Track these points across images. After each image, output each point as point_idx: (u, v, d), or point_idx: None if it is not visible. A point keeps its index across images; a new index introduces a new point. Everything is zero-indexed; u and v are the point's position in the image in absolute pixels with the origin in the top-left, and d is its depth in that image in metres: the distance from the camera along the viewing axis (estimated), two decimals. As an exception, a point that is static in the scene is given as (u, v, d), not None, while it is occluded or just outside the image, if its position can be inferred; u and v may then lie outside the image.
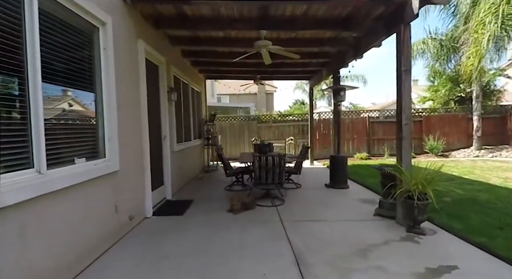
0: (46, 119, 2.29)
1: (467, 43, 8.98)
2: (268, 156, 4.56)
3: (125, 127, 3.64)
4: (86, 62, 3.01)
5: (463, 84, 11.98)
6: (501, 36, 8.29)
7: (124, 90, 3.68)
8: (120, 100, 3.50)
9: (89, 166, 2.87)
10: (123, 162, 3.52)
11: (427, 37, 11.03)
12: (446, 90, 12.69)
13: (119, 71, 3.51)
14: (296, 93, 59.20)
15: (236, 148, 11.27)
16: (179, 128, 6.27)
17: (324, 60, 7.08)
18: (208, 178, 7.49)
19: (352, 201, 5.12)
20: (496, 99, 12.37)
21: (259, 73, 8.45)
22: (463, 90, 12.40)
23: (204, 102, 9.42)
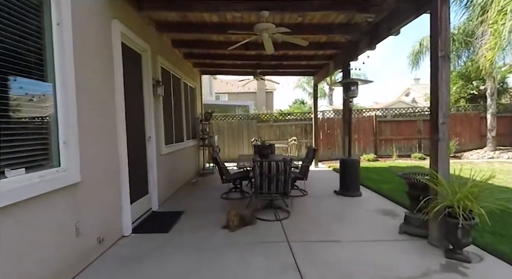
0: None
1: (485, 36, 8.23)
2: (271, 161, 3.80)
3: (91, 127, 2.88)
4: (31, 40, 2.25)
5: (476, 81, 11.24)
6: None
7: (91, 80, 2.92)
8: (83, 92, 2.74)
9: (32, 178, 2.11)
10: (88, 171, 2.77)
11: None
12: (457, 88, 11.95)
13: (83, 56, 2.75)
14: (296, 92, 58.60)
15: (235, 149, 10.51)
16: (168, 127, 5.52)
17: (332, 51, 6.33)
18: (203, 183, 6.73)
19: (369, 213, 4.37)
20: (510, 97, 11.64)
21: (260, 67, 7.69)
22: (475, 87, 11.67)
23: (200, 99, 8.65)
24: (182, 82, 6.61)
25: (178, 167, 6.11)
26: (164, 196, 5.08)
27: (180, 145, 6.24)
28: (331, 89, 27.84)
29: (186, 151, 6.79)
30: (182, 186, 6.31)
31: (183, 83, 6.71)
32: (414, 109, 11.68)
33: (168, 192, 5.34)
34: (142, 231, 3.69)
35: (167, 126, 5.40)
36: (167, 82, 5.59)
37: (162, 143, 4.97)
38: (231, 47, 4.57)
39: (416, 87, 31.63)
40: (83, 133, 2.71)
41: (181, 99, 6.55)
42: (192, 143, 7.40)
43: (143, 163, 4.37)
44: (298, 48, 5.87)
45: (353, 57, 5.68)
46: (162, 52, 5.17)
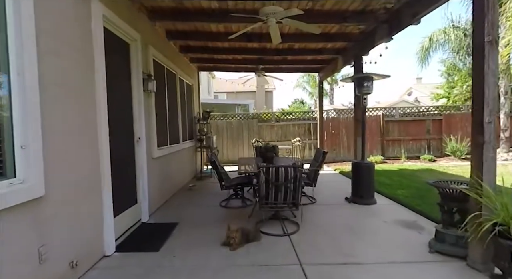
0: None
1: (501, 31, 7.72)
2: (279, 167, 3.26)
3: (63, 127, 2.35)
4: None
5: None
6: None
7: (63, 70, 2.38)
8: (52, 86, 2.21)
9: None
10: (58, 181, 2.24)
11: (448, 26, 9.76)
12: (468, 86, 11.43)
13: (49, 40, 2.21)
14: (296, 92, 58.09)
15: (234, 150, 9.97)
16: (162, 128, 4.97)
17: (342, 44, 5.80)
18: (200, 188, 6.18)
19: (389, 226, 3.84)
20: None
21: (262, 62, 7.15)
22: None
23: (197, 97, 8.11)
24: (178, 78, 6.07)
25: (173, 171, 5.57)
26: (156, 204, 4.54)
27: (175, 147, 5.69)
28: (332, 88, 27.35)
29: (182, 153, 6.25)
30: (177, 192, 5.77)
31: (179, 79, 6.17)
32: (422, 109, 11.16)
33: (161, 200, 4.80)
34: (128, 249, 3.14)
35: (160, 126, 4.85)
36: (161, 77, 5.04)
37: (154, 144, 4.43)
38: (232, 36, 4.02)
39: (418, 87, 31.21)
40: (51, 135, 2.17)
41: (177, 96, 6.01)
42: (188, 144, 6.85)
43: (131, 168, 3.82)
44: (305, 40, 5.36)
45: (366, 50, 5.15)
46: (155, 44, 4.63)
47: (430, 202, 4.86)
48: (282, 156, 7.43)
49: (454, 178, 6.38)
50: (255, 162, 5.27)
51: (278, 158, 5.50)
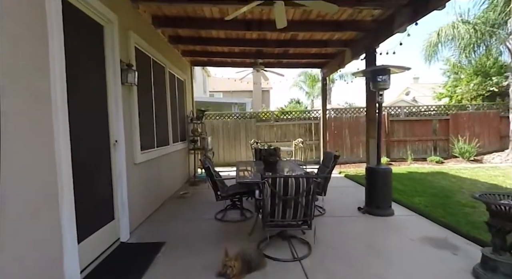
0: None
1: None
2: (289, 178, 2.61)
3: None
4: None
5: (496, 77, 10.24)
6: None
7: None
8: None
9: None
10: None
11: (457, 20, 9.23)
12: (474, 85, 10.92)
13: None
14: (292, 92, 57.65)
15: (231, 152, 9.30)
16: (147, 128, 4.30)
17: (351, 34, 5.19)
18: (193, 195, 5.50)
19: (416, 244, 3.22)
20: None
21: (261, 56, 6.51)
22: (495, 84, 10.66)
23: (191, 94, 7.43)
24: (167, 72, 5.38)
25: (161, 177, 4.89)
26: (139, 218, 3.86)
27: (164, 150, 5.01)
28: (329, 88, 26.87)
29: (172, 157, 5.57)
30: (167, 201, 5.09)
31: (169, 73, 5.48)
32: (429, 108, 10.62)
33: (145, 212, 4.12)
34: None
35: (146, 126, 4.18)
36: (146, 70, 4.37)
37: (136, 148, 3.75)
38: (229, 16, 3.35)
39: (415, 86, 30.86)
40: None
41: (166, 92, 5.32)
42: (180, 146, 6.17)
43: (105, 177, 3.14)
44: (311, 28, 4.75)
45: (380, 40, 4.54)
46: (138, 30, 3.95)
47: (454, 213, 4.29)
48: (284, 158, 6.79)
49: (494, 188, 5.83)
50: (255, 167, 4.63)
51: (281, 161, 4.85)
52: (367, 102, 4.97)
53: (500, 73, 10.68)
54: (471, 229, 3.65)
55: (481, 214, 4.21)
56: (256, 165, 4.86)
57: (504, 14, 8.49)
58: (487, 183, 6.18)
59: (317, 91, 27.26)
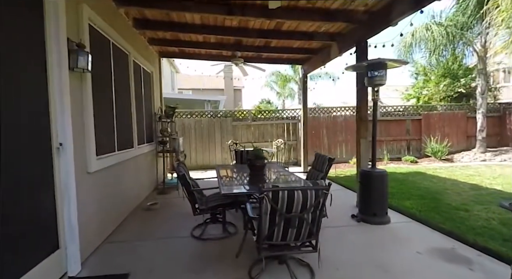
0: None
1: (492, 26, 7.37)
2: (295, 191, 2.05)
3: None
4: None
5: (464, 78, 10.63)
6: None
7: None
8: None
9: None
10: None
11: (431, 22, 9.37)
12: (444, 86, 11.28)
13: None
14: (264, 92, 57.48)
15: (204, 155, 8.55)
16: (106, 127, 3.50)
17: (341, 26, 4.77)
18: (163, 206, 4.72)
19: (425, 258, 2.84)
20: (494, 97, 11.29)
21: (240, 48, 5.90)
22: (462, 85, 11.09)
23: (159, 89, 6.59)
24: (132, 61, 4.56)
25: (123, 187, 4.09)
26: (94, 242, 3.07)
27: (127, 153, 4.20)
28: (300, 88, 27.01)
29: (137, 161, 4.76)
30: (131, 214, 4.28)
31: (133, 62, 4.66)
32: (401, 108, 10.75)
33: (103, 232, 3.32)
34: None
35: (104, 124, 3.38)
36: (105, 55, 3.56)
37: (90, 152, 2.95)
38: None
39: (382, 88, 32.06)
40: None
41: (130, 85, 4.51)
42: (147, 149, 5.35)
43: (44, 192, 2.34)
44: (299, 17, 4.25)
45: (375, 31, 4.18)
46: (95, 6, 3.14)
47: (450, 217, 4.05)
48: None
49: (477, 188, 5.75)
50: (239, 172, 4.02)
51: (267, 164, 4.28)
52: (358, 101, 4.61)
53: (465, 75, 11.18)
54: (474, 236, 3.40)
55: (477, 218, 4.02)
56: (239, 170, 4.25)
57: (473, 18, 8.74)
58: (467, 183, 6.17)
59: (288, 92, 27.25)
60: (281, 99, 28.18)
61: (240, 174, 3.98)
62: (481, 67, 9.65)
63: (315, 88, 21.99)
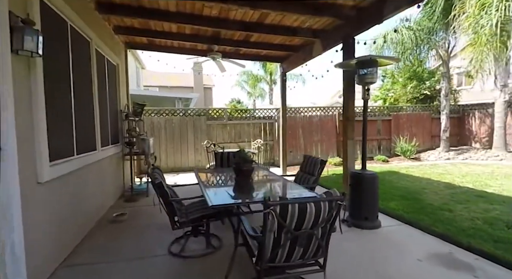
0: None
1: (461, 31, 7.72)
2: (307, 204, 1.71)
3: None
4: None
5: (429, 81, 11.17)
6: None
7: None
8: None
9: None
10: None
11: (401, 25, 9.67)
12: (411, 88, 11.77)
13: None
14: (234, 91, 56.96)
15: (176, 156, 7.93)
16: (63, 125, 2.89)
17: (327, 21, 4.55)
18: (132, 216, 4.14)
19: (427, 266, 2.70)
20: (454, 99, 12.02)
21: (217, 42, 5.46)
22: (428, 87, 11.66)
23: (125, 84, 5.91)
24: (94, 50, 3.92)
25: (84, 197, 3.47)
26: (48, 267, 2.49)
27: (90, 157, 3.59)
28: (271, 89, 27.04)
29: (101, 166, 4.13)
30: (94, 230, 3.67)
31: (96, 52, 4.02)
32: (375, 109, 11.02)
33: (59, 254, 2.73)
34: None
35: (59, 123, 2.78)
36: (61, 39, 2.95)
37: (42, 158, 2.36)
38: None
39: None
40: None
41: (92, 77, 3.87)
42: (112, 151, 4.71)
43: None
44: (286, 8, 3.94)
45: (364, 27, 4.00)
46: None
47: (438, 219, 4.00)
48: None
49: (451, 187, 5.84)
50: (222, 177, 3.62)
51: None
52: (344, 100, 4.43)
53: (430, 78, 11.79)
54: (466, 237, 3.35)
55: (462, 218, 4.03)
56: (222, 174, 3.84)
57: (439, 23, 9.15)
58: (441, 182, 6.34)
59: (259, 92, 27.13)
60: (252, 99, 27.99)
61: (224, 179, 3.58)
62: (445, 70, 10.18)
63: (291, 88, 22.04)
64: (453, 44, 9.76)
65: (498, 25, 6.34)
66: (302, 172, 3.77)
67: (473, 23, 6.97)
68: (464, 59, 10.19)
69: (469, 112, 11.28)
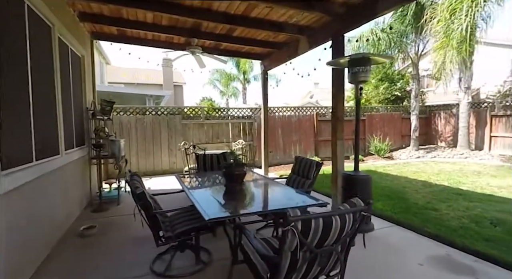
0: None
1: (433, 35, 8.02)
2: (332, 217, 1.47)
3: None
4: None
5: (400, 82, 11.62)
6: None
7: None
8: None
9: None
10: None
11: (375, 27, 9.90)
12: (383, 89, 12.16)
13: None
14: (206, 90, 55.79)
15: (148, 159, 7.33)
16: (17, 126, 2.37)
17: (313, 18, 4.38)
18: (103, 229, 3.63)
19: (429, 270, 2.63)
20: (422, 100, 12.63)
21: (197, 35, 5.07)
22: (398, 89, 12.12)
23: (91, 78, 5.29)
24: (57, 38, 3.36)
25: (46, 210, 2.94)
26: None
27: (52, 163, 3.05)
28: (245, 88, 26.81)
29: (65, 172, 3.57)
30: (59, 246, 3.13)
31: (59, 40, 3.46)
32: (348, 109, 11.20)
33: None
34: None
35: (13, 123, 2.26)
36: (15, 21, 2.41)
37: (-10, 167, 1.87)
38: None
39: (316, 91, 34.03)
40: None
41: (54, 69, 3.31)
42: (77, 154, 4.13)
43: None
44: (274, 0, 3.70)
45: (355, 24, 3.88)
46: None
47: (426, 219, 3.99)
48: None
49: (428, 186, 5.94)
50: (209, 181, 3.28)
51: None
52: (334, 99, 4.28)
53: (399, 79, 12.31)
54: (458, 238, 3.35)
55: (448, 217, 4.07)
56: (207, 180, 3.49)
57: (410, 27, 9.50)
58: (418, 180, 6.51)
59: (232, 91, 26.73)
60: (225, 98, 27.52)
61: (213, 185, 3.24)
62: (415, 72, 10.63)
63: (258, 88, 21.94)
64: (422, 47, 10.21)
65: (468, 30, 6.67)
66: (296, 175, 3.55)
67: (444, 27, 7.28)
68: (431, 62, 10.78)
69: (435, 112, 11.93)
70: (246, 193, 2.91)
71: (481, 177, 6.73)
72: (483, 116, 10.17)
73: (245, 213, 2.45)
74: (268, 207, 2.51)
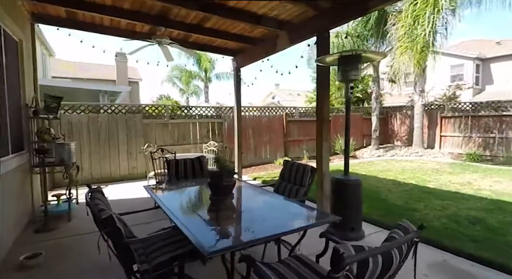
0: None
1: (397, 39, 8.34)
2: (391, 250, 1.15)
3: None
4: None
5: (361, 84, 12.04)
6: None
7: None
8: None
9: None
10: None
11: (341, 31, 10.07)
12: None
13: None
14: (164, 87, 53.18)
15: (104, 163, 6.40)
16: None
17: (296, 12, 4.09)
18: (52, 256, 2.89)
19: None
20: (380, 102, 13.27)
21: (165, 23, 4.46)
22: (360, 91, 12.57)
23: (32, 69, 4.35)
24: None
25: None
26: None
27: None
28: (207, 86, 25.98)
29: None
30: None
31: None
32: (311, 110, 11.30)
33: None
34: None
35: None
36: None
37: None
38: None
39: (277, 92, 34.48)
40: None
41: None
42: (13, 164, 3.29)
43: None
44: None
45: (343, 19, 3.70)
46: None
47: (411, 220, 3.87)
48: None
49: (397, 184, 6.01)
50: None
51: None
52: (318, 99, 4.05)
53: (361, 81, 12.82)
54: (447, 239, 3.33)
55: (430, 218, 4.10)
56: (184, 190, 2.99)
57: (373, 31, 9.84)
58: (387, 180, 6.65)
59: (193, 89, 25.68)
60: (185, 97, 26.34)
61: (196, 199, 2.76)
62: (375, 75, 11.08)
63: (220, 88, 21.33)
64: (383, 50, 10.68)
65: (432, 35, 7.05)
66: (286, 182, 3.21)
67: (408, 32, 7.61)
68: (387, 65, 11.34)
69: (391, 113, 12.63)
70: (241, 209, 2.48)
71: (441, 174, 7.14)
72: (434, 117, 10.99)
73: (254, 239, 1.96)
74: (277, 227, 2.03)
